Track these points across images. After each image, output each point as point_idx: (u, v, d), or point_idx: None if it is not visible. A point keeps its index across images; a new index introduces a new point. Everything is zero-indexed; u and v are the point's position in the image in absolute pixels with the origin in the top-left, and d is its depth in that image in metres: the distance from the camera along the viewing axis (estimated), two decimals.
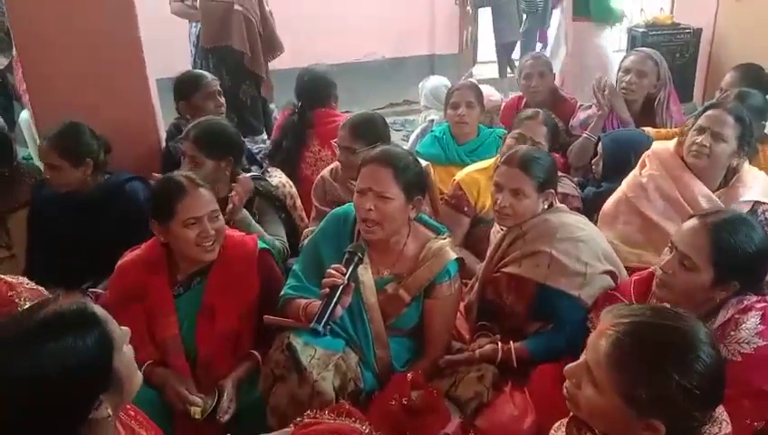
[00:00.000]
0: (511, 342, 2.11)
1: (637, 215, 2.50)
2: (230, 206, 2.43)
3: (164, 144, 3.28)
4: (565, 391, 1.33)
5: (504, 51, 6.86)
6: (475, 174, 2.80)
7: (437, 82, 4.30)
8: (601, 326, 1.26)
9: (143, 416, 1.52)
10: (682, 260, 1.77)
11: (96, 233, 2.61)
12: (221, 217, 2.10)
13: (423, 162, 2.84)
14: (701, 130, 2.41)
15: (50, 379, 1.15)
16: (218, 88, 3.24)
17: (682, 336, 1.22)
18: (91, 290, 2.49)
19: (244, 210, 2.49)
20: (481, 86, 3.52)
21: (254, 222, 2.49)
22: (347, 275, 1.89)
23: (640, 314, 1.26)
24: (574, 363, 1.32)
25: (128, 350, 1.30)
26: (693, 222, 1.81)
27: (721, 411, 1.32)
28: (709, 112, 2.44)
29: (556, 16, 5.98)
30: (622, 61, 3.52)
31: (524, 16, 7.10)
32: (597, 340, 1.25)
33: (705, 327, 1.26)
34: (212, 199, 2.08)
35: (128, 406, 1.43)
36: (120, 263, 2.12)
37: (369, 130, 2.72)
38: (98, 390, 1.21)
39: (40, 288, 1.89)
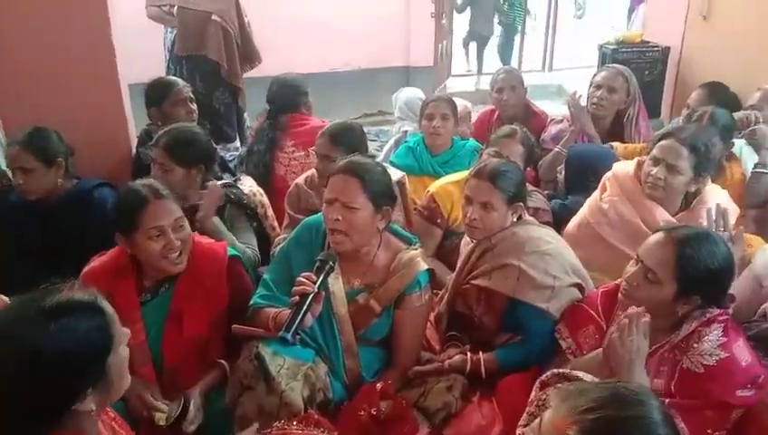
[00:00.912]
0: (480, 352, 2.13)
1: (598, 241, 2.51)
2: (200, 213, 2.41)
3: (135, 150, 3.25)
4: None
5: (481, 44, 7.10)
6: (450, 186, 2.82)
7: (412, 93, 4.33)
8: (558, 420, 1.19)
9: (121, 419, 1.53)
10: (646, 273, 1.80)
11: (63, 239, 2.58)
12: (186, 225, 2.07)
13: (399, 173, 2.87)
14: (656, 162, 2.42)
15: (48, 358, 1.19)
16: (190, 95, 3.22)
17: (640, 428, 1.16)
18: None
19: (216, 218, 2.47)
20: (455, 99, 3.56)
21: (225, 230, 2.47)
22: (317, 284, 1.88)
23: (597, 405, 1.18)
24: None
25: (123, 350, 1.33)
26: (659, 236, 1.84)
27: None
28: (663, 143, 2.44)
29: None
30: (593, 76, 3.58)
31: (500, 27, 7.37)
32: (551, 430, 1.19)
33: (659, 401, 1.22)
34: (175, 208, 2.04)
35: (108, 408, 1.46)
36: (85, 269, 2.08)
37: (348, 138, 2.73)
38: (88, 382, 1.24)
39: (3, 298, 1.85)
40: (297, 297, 1.86)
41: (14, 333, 1.21)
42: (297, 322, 1.82)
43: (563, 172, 3.01)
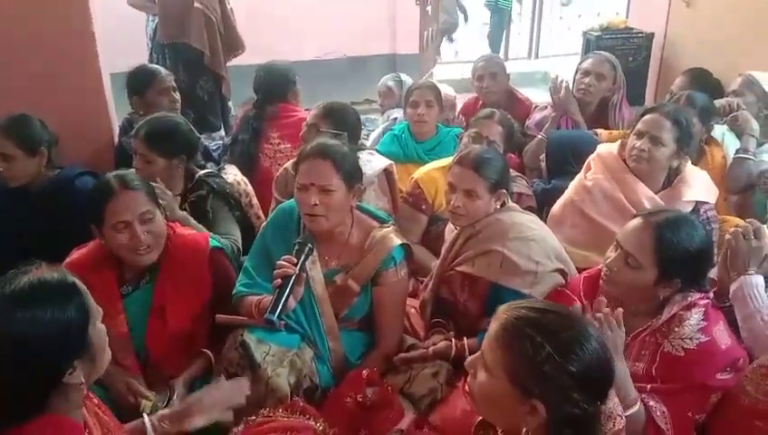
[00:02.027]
0: (465, 338, 2.14)
1: (583, 218, 2.54)
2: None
3: (117, 139, 3.22)
4: (467, 386, 1.36)
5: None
6: (433, 172, 2.82)
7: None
8: (496, 314, 1.31)
9: (105, 406, 1.54)
10: (626, 258, 1.82)
11: (45, 228, 2.55)
12: (158, 218, 2.03)
13: (386, 161, 2.88)
14: (640, 135, 2.46)
15: (31, 341, 1.21)
16: (173, 84, 3.20)
17: (569, 324, 1.26)
18: None
19: (183, 213, 2.43)
20: (439, 85, 3.55)
21: (193, 221, 2.43)
22: (298, 266, 1.89)
23: (534, 304, 1.31)
24: (473, 356, 1.36)
25: (101, 326, 1.36)
26: (637, 221, 1.86)
27: (615, 405, 1.37)
28: (647, 117, 2.48)
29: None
30: (580, 63, 3.59)
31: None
32: (491, 325, 1.30)
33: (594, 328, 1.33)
34: (144, 201, 1.99)
35: (92, 395, 1.49)
36: (66, 261, 2.06)
37: (340, 114, 2.75)
38: (73, 355, 1.27)
39: None
40: (279, 280, 1.86)
41: None
42: (281, 304, 1.83)
43: (545, 159, 3.03)
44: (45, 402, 1.26)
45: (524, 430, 1.26)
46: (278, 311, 1.81)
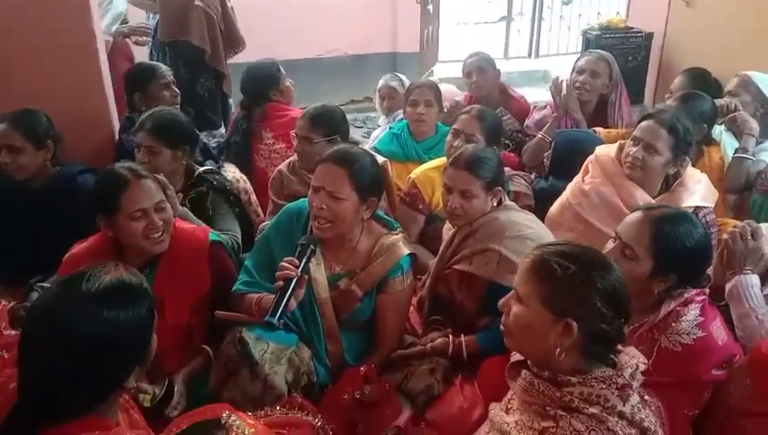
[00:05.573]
0: (462, 335, 2.15)
1: (580, 222, 2.53)
2: None
3: (117, 136, 3.23)
4: (502, 326, 1.51)
5: None
6: (430, 172, 2.83)
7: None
8: (525, 253, 1.48)
9: (136, 406, 1.57)
10: (623, 249, 1.84)
11: (46, 225, 2.56)
12: (168, 207, 2.07)
13: (381, 159, 2.88)
14: (636, 141, 2.45)
15: (108, 342, 1.22)
16: (172, 78, 3.24)
17: (591, 252, 1.45)
18: (39, 284, 2.44)
19: (183, 208, 2.45)
20: (441, 85, 3.56)
21: (193, 216, 2.45)
22: (300, 268, 1.90)
23: (559, 242, 1.48)
24: (506, 296, 1.51)
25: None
26: (637, 214, 1.88)
27: (636, 353, 1.47)
28: (643, 124, 2.47)
29: None
30: (576, 61, 3.61)
31: None
32: (521, 263, 1.47)
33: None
34: (158, 190, 2.05)
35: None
36: (67, 255, 2.09)
37: (327, 120, 2.74)
38: (137, 360, 1.29)
39: None
40: (281, 282, 1.87)
41: (69, 320, 1.20)
42: (282, 306, 1.84)
43: (549, 158, 3.02)
44: (96, 403, 1.25)
45: (557, 351, 1.37)
46: (278, 313, 1.82)
